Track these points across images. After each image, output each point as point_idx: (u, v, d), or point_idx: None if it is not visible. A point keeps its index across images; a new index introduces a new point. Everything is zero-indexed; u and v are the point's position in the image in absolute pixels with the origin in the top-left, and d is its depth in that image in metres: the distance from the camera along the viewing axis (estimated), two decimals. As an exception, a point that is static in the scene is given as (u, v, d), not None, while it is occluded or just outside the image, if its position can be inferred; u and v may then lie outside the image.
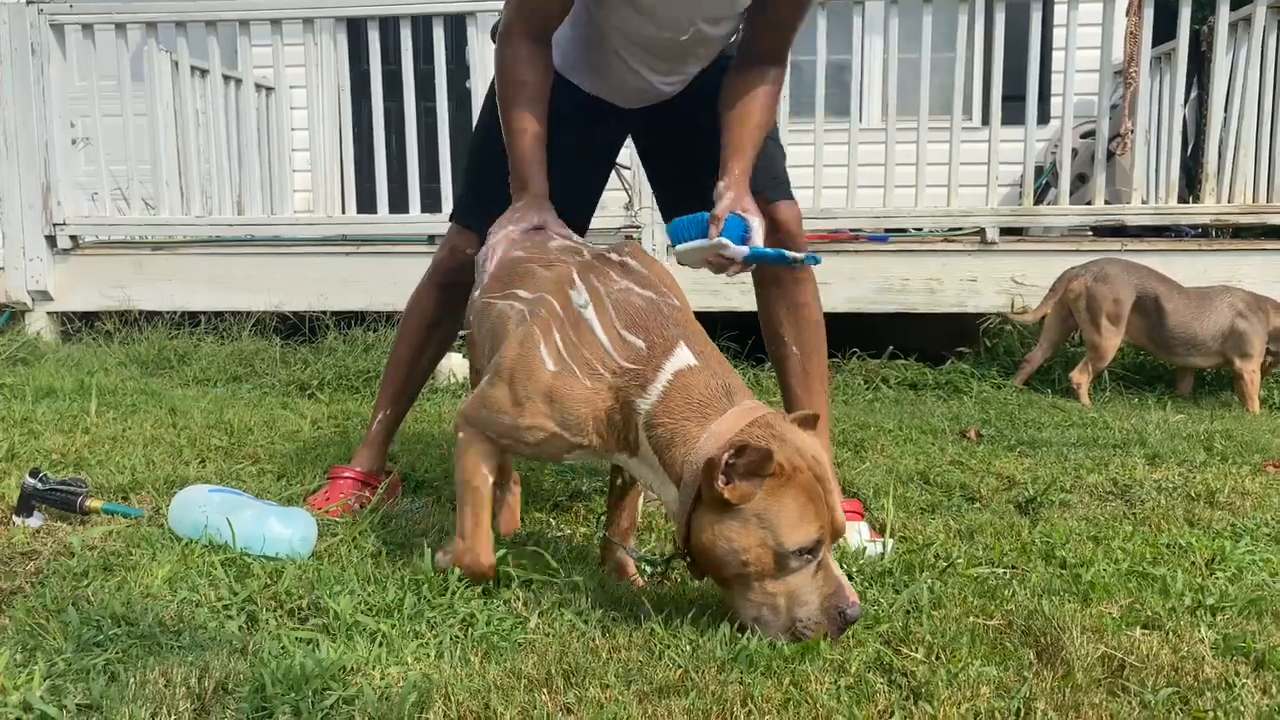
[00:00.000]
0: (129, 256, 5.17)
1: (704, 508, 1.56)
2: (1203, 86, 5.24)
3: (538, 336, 1.71)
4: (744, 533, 1.53)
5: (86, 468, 2.64)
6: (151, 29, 5.05)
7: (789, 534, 1.52)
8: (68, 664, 1.44)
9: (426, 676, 1.41)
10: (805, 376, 2.33)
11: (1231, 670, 1.50)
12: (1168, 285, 4.24)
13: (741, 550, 1.53)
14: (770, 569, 1.54)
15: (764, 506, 1.53)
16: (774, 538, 1.52)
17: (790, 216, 2.27)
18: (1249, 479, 2.76)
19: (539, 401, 1.69)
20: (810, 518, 1.54)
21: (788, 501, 1.53)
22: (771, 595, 1.55)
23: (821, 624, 1.54)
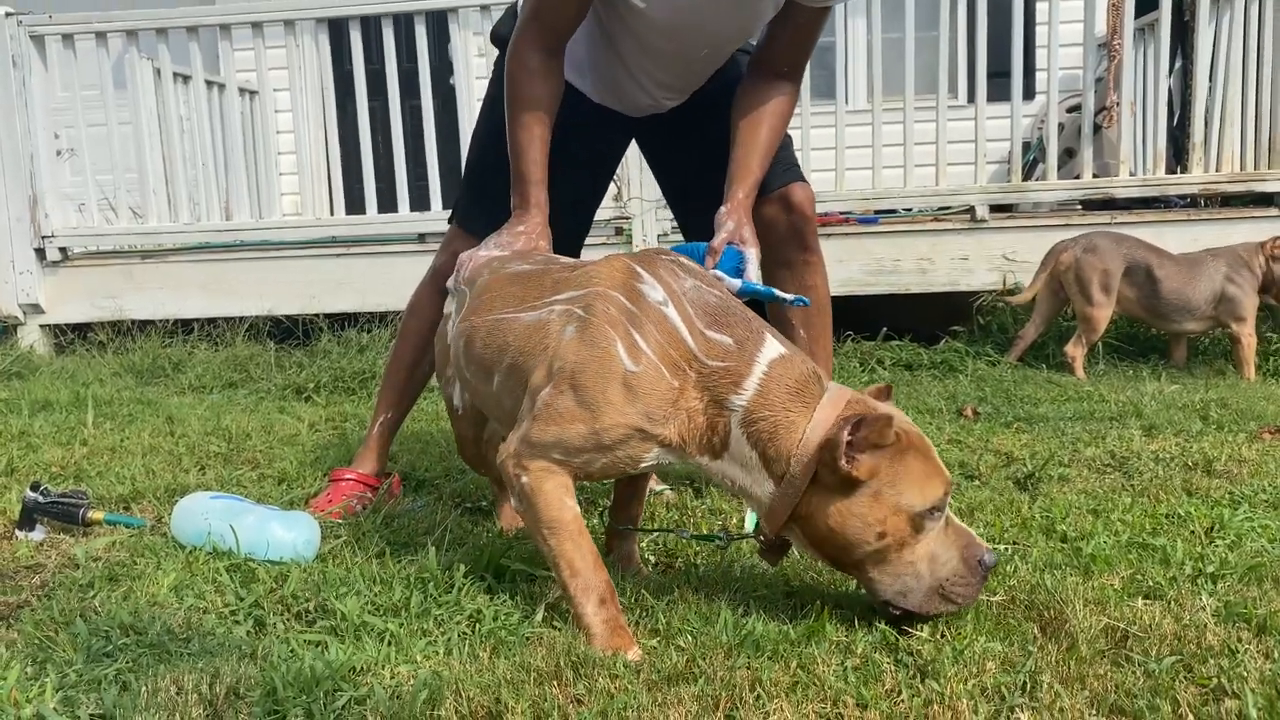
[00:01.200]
0: (119, 266, 5.15)
1: (824, 493, 1.52)
2: (1187, 56, 5.25)
3: (610, 334, 1.59)
4: (876, 505, 1.51)
5: (86, 479, 2.64)
6: (132, 37, 5.03)
7: (921, 494, 1.52)
8: (79, 675, 1.45)
9: (436, 674, 1.42)
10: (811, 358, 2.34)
11: (1234, 637, 1.51)
12: (1157, 253, 4.25)
13: (876, 524, 1.51)
14: (907, 535, 1.52)
15: (891, 475, 1.51)
16: (906, 501, 1.51)
17: (804, 198, 2.30)
18: (1245, 446, 2.78)
19: (617, 398, 1.56)
20: (934, 473, 1.54)
21: (912, 464, 1.53)
22: (911, 563, 1.53)
23: (966, 577, 1.53)
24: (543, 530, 1.62)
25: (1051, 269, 4.33)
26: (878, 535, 1.52)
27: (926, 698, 1.34)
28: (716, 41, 2.13)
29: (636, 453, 1.61)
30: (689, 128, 2.33)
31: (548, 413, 1.60)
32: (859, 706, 1.32)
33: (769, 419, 1.55)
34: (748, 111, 2.13)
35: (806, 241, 2.32)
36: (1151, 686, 1.36)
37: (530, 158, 2.04)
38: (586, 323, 1.61)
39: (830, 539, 1.54)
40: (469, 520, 2.26)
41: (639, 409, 1.57)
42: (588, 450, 1.60)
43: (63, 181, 5.35)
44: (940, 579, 1.53)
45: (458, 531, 2.10)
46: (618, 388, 1.57)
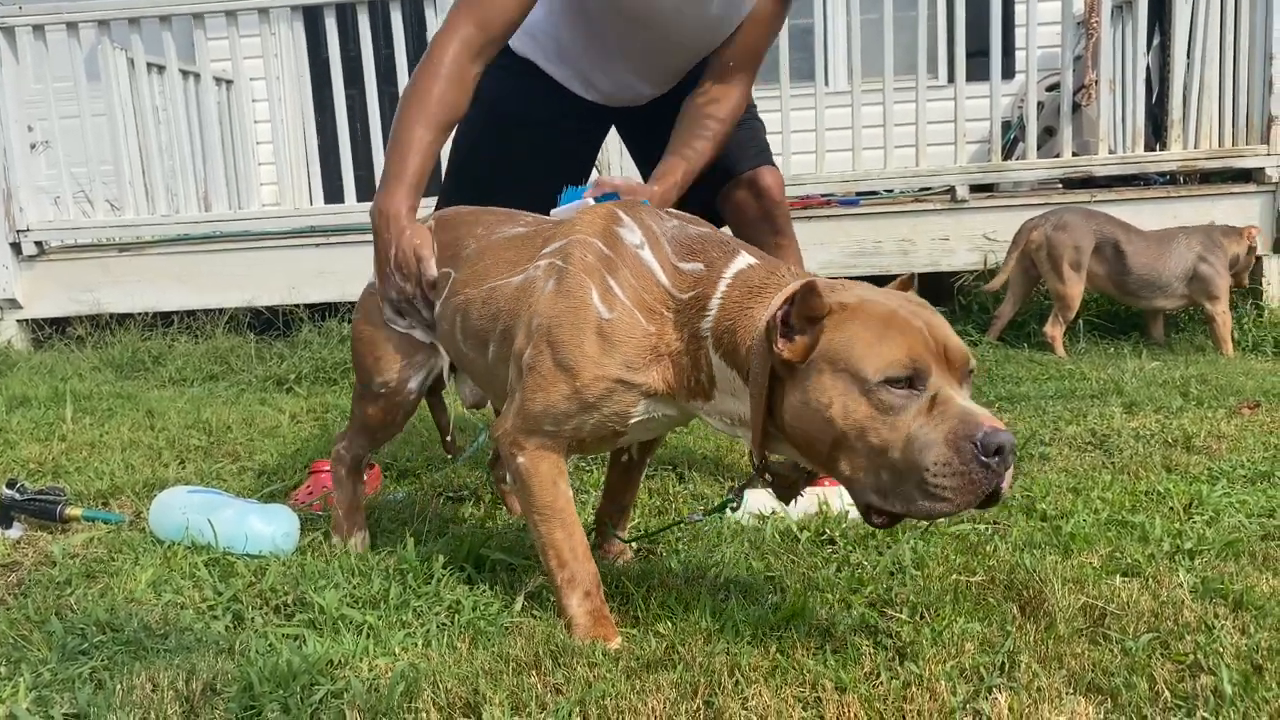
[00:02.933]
0: (96, 259, 5.11)
1: (780, 388, 1.36)
2: (1165, 34, 5.24)
3: (586, 283, 1.52)
4: (821, 384, 1.30)
5: (64, 475, 2.62)
6: (104, 27, 4.97)
7: (866, 362, 1.27)
8: (53, 674, 1.44)
9: (414, 666, 1.41)
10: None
11: (1210, 612, 1.52)
12: (1126, 230, 4.27)
13: (826, 405, 1.29)
14: (866, 414, 1.27)
15: (831, 348, 1.30)
16: (856, 374, 1.28)
17: (773, 182, 2.30)
18: (1224, 422, 2.80)
19: (594, 350, 1.49)
20: (891, 341, 1.28)
21: (855, 330, 1.30)
22: (883, 450, 1.27)
23: (954, 463, 1.22)
24: (535, 515, 1.58)
25: (1023, 247, 4.33)
26: (829, 421, 1.29)
27: (905, 680, 1.35)
28: (694, 31, 2.12)
29: (623, 407, 1.52)
30: (665, 117, 2.32)
31: (532, 379, 1.54)
32: (838, 690, 1.32)
33: (730, 325, 1.42)
34: (690, 114, 2.11)
35: (777, 225, 2.32)
36: (1128, 664, 1.37)
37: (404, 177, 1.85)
38: (564, 273, 1.55)
39: (797, 436, 1.35)
40: (449, 511, 2.26)
41: (617, 359, 1.49)
42: (574, 414, 1.53)
43: (37, 175, 5.28)
44: (922, 469, 1.24)
45: (437, 522, 2.10)
46: (593, 339, 1.50)
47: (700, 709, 1.29)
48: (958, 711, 1.27)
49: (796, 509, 2.05)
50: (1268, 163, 4.58)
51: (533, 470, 1.58)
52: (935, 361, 1.29)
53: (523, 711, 1.29)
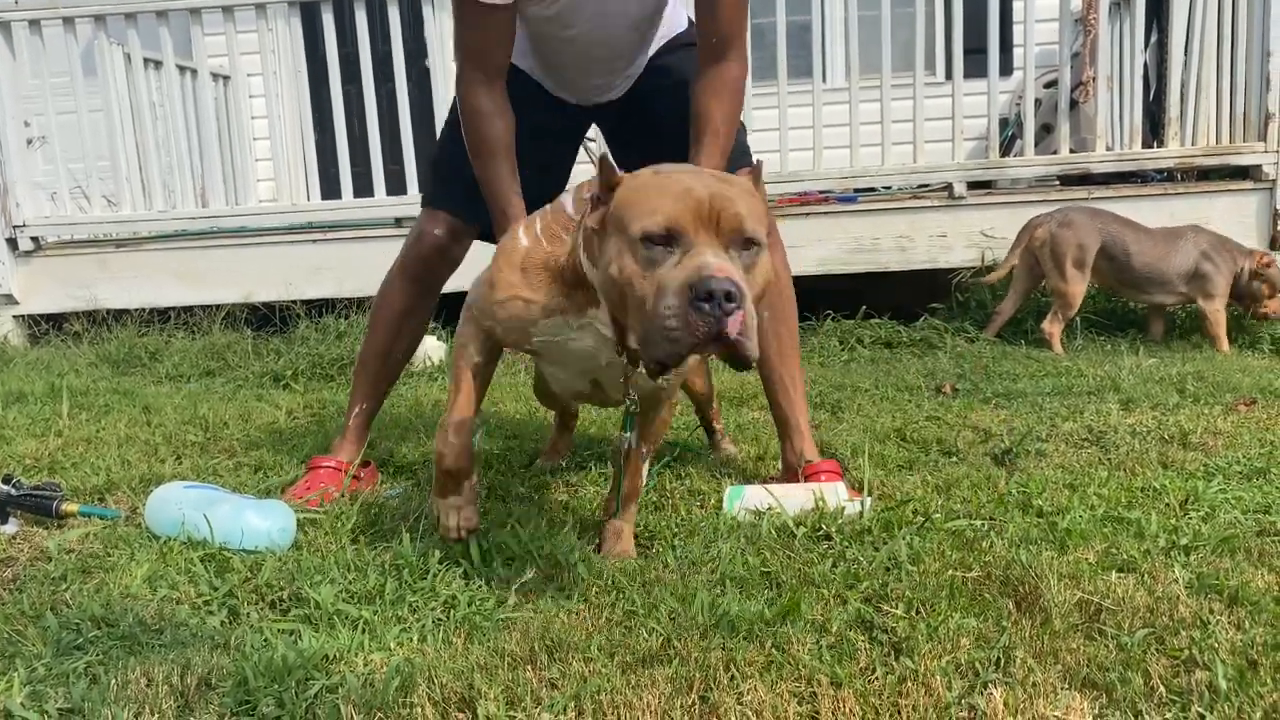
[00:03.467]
0: (93, 255, 5.10)
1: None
2: (1162, 31, 5.24)
3: (521, 226, 1.81)
4: (607, 246, 1.47)
5: (61, 471, 2.62)
6: (100, 22, 4.96)
7: (632, 222, 1.42)
8: (48, 669, 1.44)
9: (409, 661, 1.41)
10: (777, 340, 2.34)
11: (1206, 608, 1.52)
12: (1132, 228, 4.27)
13: (610, 263, 1.45)
14: (632, 268, 1.41)
15: (615, 211, 1.47)
16: (623, 231, 1.43)
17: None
18: (1220, 419, 2.80)
19: (509, 273, 1.73)
20: (658, 205, 1.40)
21: (631, 197, 1.45)
22: (641, 301, 1.40)
23: (675, 306, 1.34)
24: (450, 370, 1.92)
25: (1026, 244, 4.33)
26: (611, 278, 1.45)
27: (901, 675, 1.35)
28: (623, 31, 2.19)
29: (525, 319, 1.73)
30: (636, 109, 2.37)
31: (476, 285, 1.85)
32: (833, 685, 1.32)
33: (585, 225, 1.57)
34: (697, 107, 2.09)
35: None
36: (1124, 659, 1.37)
37: (503, 195, 2.08)
38: (518, 224, 1.86)
39: (607, 300, 1.54)
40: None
41: (522, 282, 1.72)
42: (489, 317, 1.78)
43: (34, 170, 5.27)
44: (658, 314, 1.35)
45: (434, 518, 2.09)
46: (511, 265, 1.74)
47: (695, 704, 1.29)
48: (953, 706, 1.28)
49: (793, 505, 2.05)
50: (1265, 160, 4.58)
51: (458, 332, 1.89)
52: (701, 226, 1.40)
53: (518, 706, 1.29)
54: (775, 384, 2.37)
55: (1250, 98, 4.63)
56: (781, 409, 2.37)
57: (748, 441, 2.78)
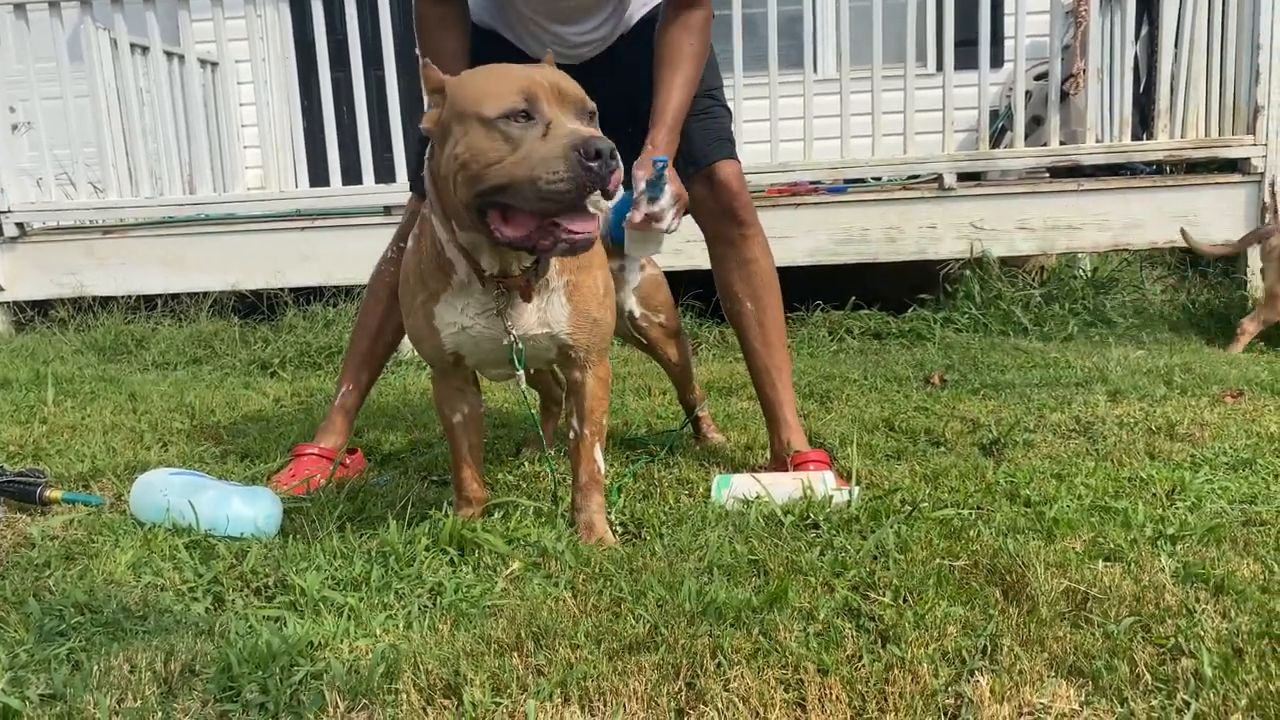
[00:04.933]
0: (79, 242, 5.06)
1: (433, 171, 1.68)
2: (1153, 23, 5.24)
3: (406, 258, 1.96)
4: (458, 134, 1.59)
5: (45, 458, 2.60)
6: (87, 7, 4.91)
7: (485, 105, 1.56)
8: (30, 655, 1.43)
9: (395, 647, 1.41)
10: (762, 330, 2.34)
11: (1191, 597, 1.52)
12: None
13: (458, 153, 1.58)
14: (492, 146, 1.55)
15: (458, 106, 1.60)
16: (471, 114, 1.57)
17: (729, 174, 2.28)
18: (1207, 410, 2.81)
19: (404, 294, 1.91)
20: (508, 87, 1.56)
21: (474, 86, 1.61)
22: (513, 172, 1.54)
23: (561, 170, 1.51)
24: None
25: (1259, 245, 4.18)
26: (463, 163, 1.58)
27: (887, 662, 1.35)
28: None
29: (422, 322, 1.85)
30: (617, 63, 2.32)
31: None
32: (820, 672, 1.32)
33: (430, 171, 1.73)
34: (660, 56, 2.13)
35: (739, 216, 2.30)
36: (1110, 647, 1.37)
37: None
38: None
39: (445, 196, 1.66)
40: (433, 494, 2.25)
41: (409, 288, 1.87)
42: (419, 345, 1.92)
43: (19, 156, 5.23)
44: (538, 179, 1.52)
45: (421, 505, 2.09)
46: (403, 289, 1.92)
47: (682, 691, 1.29)
48: (939, 694, 1.27)
49: (781, 494, 2.05)
50: (1254, 153, 4.59)
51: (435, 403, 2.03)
52: (553, 100, 1.58)
53: (504, 693, 1.28)
54: (761, 374, 2.37)
55: (1239, 91, 4.64)
56: (769, 399, 2.37)
57: (736, 430, 2.78)
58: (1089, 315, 4.55)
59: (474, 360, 1.90)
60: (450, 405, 1.97)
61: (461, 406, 1.97)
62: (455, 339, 1.84)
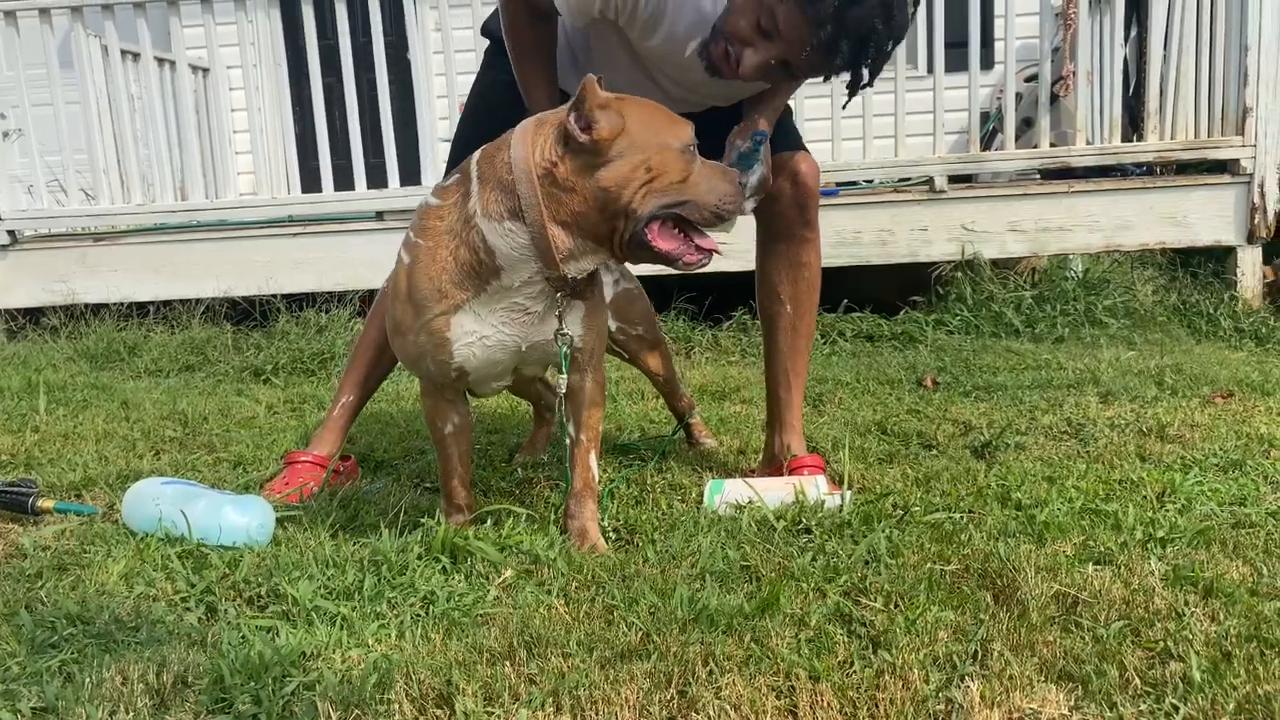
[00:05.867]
0: (71, 249, 5.05)
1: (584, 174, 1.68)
2: (1142, 25, 5.26)
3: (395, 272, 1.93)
4: (648, 153, 1.68)
5: (37, 467, 2.60)
6: (77, 13, 4.91)
7: (672, 132, 1.72)
8: (21, 667, 1.42)
9: (387, 657, 1.41)
10: (794, 335, 2.35)
11: (1181, 600, 1.53)
12: None
13: (659, 166, 1.69)
14: (683, 169, 1.71)
15: (634, 127, 1.68)
16: (662, 141, 1.70)
17: (809, 170, 2.28)
18: (1198, 411, 2.82)
19: (402, 306, 1.85)
20: (677, 121, 1.75)
21: (652, 111, 1.74)
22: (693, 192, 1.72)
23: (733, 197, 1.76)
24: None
25: None
26: (654, 174, 1.69)
27: (878, 668, 1.35)
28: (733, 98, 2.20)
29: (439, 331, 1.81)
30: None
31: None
32: (811, 679, 1.32)
33: (486, 186, 1.73)
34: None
35: (808, 215, 2.28)
36: (1099, 651, 1.38)
37: (533, 97, 2.08)
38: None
39: (605, 203, 1.68)
40: (426, 502, 2.25)
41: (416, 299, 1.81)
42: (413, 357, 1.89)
43: (10, 163, 5.23)
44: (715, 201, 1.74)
45: (414, 513, 2.09)
46: (398, 294, 1.87)
47: (674, 698, 1.29)
48: (930, 699, 1.28)
49: (773, 499, 2.06)
50: (1243, 154, 4.61)
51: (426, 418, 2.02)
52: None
53: (496, 702, 1.28)
54: (779, 376, 2.37)
55: (1228, 92, 4.66)
56: (779, 399, 2.37)
57: (729, 435, 2.78)
58: (1080, 317, 4.56)
59: (477, 375, 1.89)
60: (442, 417, 1.97)
61: (452, 417, 1.97)
62: (467, 350, 1.81)
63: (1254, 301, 4.57)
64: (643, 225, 1.70)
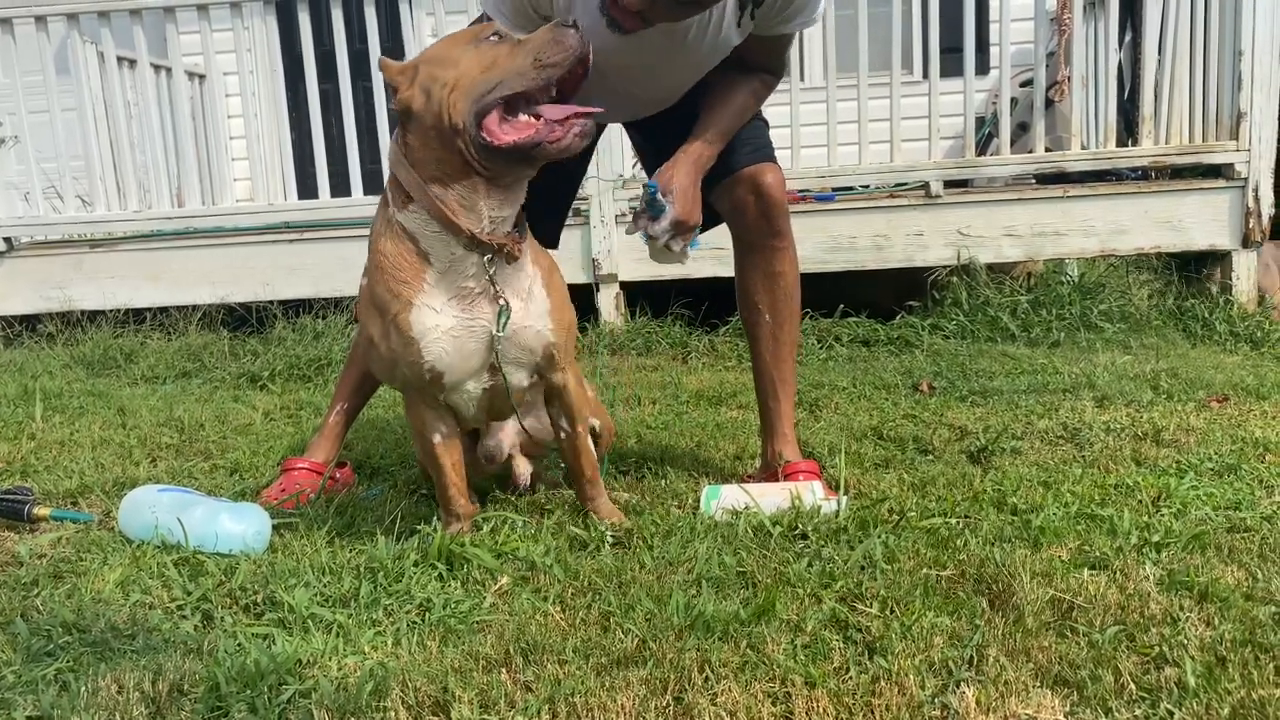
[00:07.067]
0: (67, 256, 5.05)
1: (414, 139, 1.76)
2: (1136, 30, 5.28)
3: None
4: (431, 82, 1.72)
5: (33, 474, 2.59)
6: (74, 20, 4.91)
7: (462, 40, 1.77)
8: (17, 676, 1.42)
9: (383, 664, 1.41)
10: (775, 344, 2.35)
11: (1176, 605, 1.53)
12: None
13: (455, 75, 1.70)
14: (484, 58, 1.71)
15: (424, 64, 1.75)
16: (450, 55, 1.74)
17: (773, 181, 2.25)
18: (1193, 415, 2.82)
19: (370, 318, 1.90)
20: (466, 31, 1.81)
21: (440, 43, 1.79)
22: (507, 64, 1.69)
23: (551, 48, 1.67)
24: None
25: None
26: (454, 84, 1.70)
27: (874, 674, 1.35)
28: (672, 91, 2.19)
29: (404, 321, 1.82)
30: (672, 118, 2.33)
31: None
32: (807, 685, 1.33)
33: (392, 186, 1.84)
34: (722, 88, 2.15)
35: (776, 225, 2.27)
36: (1095, 657, 1.38)
37: None
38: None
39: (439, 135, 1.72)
40: (423, 508, 2.25)
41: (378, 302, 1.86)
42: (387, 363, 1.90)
43: (6, 170, 5.22)
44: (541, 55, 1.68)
45: (410, 520, 2.09)
46: (364, 306, 1.95)
47: (670, 705, 1.29)
48: (926, 705, 1.28)
49: (769, 504, 2.06)
50: (1237, 158, 4.62)
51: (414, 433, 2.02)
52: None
53: (492, 709, 1.29)
54: (766, 385, 2.38)
55: (1222, 96, 4.67)
56: (768, 408, 2.38)
57: (725, 440, 2.78)
58: (1076, 321, 4.56)
59: (452, 375, 1.86)
60: (429, 427, 1.95)
61: (439, 426, 1.96)
62: (436, 348, 1.81)
63: (1249, 305, 4.58)
64: (475, 130, 1.69)
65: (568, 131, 1.68)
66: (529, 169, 1.77)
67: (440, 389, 1.89)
